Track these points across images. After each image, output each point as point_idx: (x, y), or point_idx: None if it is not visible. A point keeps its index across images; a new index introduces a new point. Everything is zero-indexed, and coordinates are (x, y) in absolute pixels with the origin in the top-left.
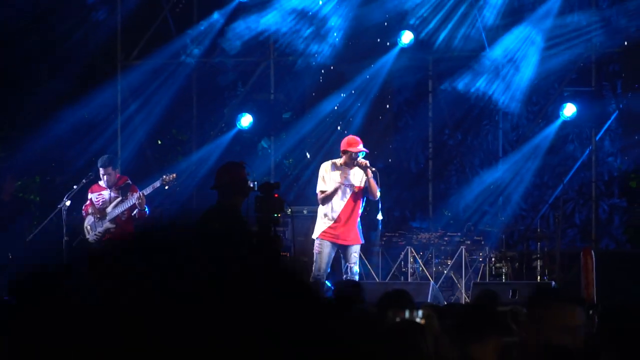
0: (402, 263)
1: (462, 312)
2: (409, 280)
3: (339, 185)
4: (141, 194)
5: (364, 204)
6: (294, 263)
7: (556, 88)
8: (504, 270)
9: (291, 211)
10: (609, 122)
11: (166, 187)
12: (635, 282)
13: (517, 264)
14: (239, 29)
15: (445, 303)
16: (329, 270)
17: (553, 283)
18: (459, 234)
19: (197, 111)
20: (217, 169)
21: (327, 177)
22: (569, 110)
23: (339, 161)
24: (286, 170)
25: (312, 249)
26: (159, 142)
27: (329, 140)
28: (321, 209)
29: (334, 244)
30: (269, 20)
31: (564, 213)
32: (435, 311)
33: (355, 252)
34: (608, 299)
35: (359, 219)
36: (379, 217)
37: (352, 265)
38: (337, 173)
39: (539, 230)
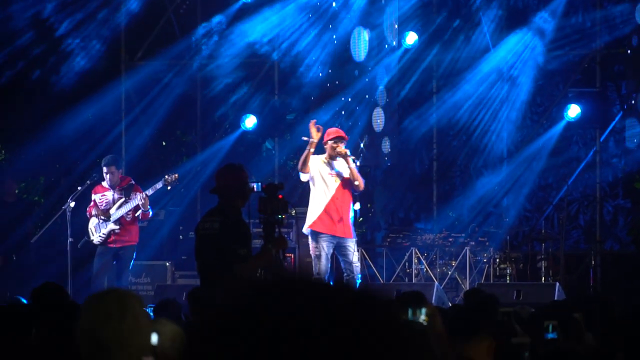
0: (407, 264)
1: (456, 312)
2: (414, 281)
3: (327, 176)
4: (145, 195)
5: (352, 198)
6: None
7: (560, 89)
8: (508, 271)
9: (295, 212)
10: (613, 123)
11: (168, 188)
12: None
13: (522, 265)
14: (243, 30)
15: (450, 304)
16: (329, 265)
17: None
18: (463, 235)
19: (201, 112)
20: (216, 171)
21: (313, 167)
22: (573, 111)
23: (323, 156)
24: (290, 172)
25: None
26: (163, 144)
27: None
28: (310, 201)
29: (326, 236)
30: (273, 21)
31: (569, 214)
32: (439, 312)
33: (349, 247)
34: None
35: (351, 214)
36: (356, 206)
37: (353, 262)
38: (325, 166)
39: (543, 231)
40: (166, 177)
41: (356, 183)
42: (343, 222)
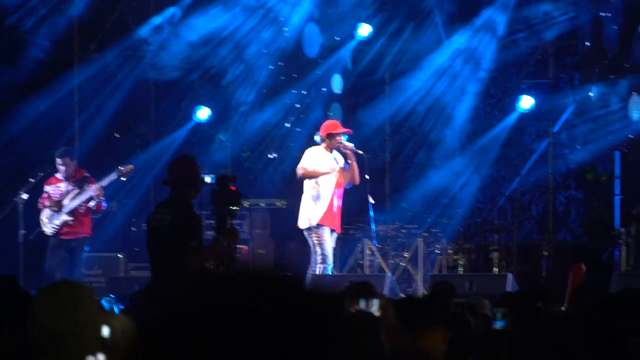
0: (360, 255)
1: (410, 303)
2: (366, 272)
3: (332, 170)
4: (99, 186)
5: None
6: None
7: (513, 80)
8: (461, 262)
9: (249, 204)
10: (566, 115)
11: (123, 179)
12: (592, 273)
13: (474, 256)
14: (196, 22)
15: (402, 295)
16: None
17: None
18: (416, 226)
19: (154, 104)
20: (169, 163)
21: (315, 161)
22: (526, 102)
23: (322, 147)
24: (243, 163)
25: (264, 241)
26: (117, 136)
27: (286, 135)
28: (310, 195)
29: (330, 231)
30: (227, 13)
31: (521, 205)
32: (391, 303)
33: (335, 240)
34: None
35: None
36: (371, 200)
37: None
38: (325, 159)
39: (496, 222)
40: (120, 168)
41: (357, 176)
42: (339, 216)
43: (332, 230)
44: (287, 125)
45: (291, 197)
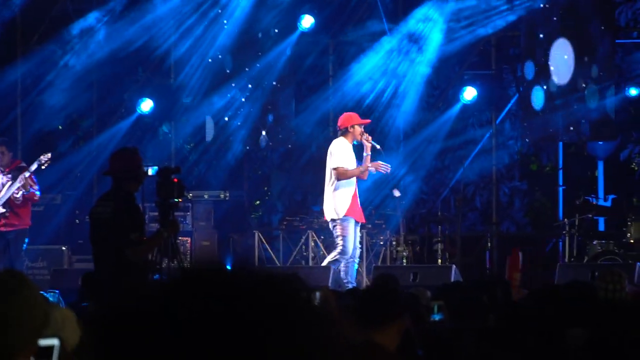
0: (304, 247)
1: (365, 299)
2: (310, 264)
3: (353, 163)
4: (27, 175)
5: None
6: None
7: (456, 71)
8: (405, 253)
9: (192, 196)
10: (509, 105)
11: (43, 167)
12: (536, 264)
13: (418, 247)
14: (139, 14)
15: (349, 287)
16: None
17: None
18: None
19: (97, 96)
20: (110, 155)
21: (347, 154)
22: (469, 93)
23: (343, 138)
24: (187, 155)
25: (207, 233)
26: (60, 128)
27: (228, 127)
28: (336, 186)
29: (355, 223)
30: (169, 4)
31: (465, 196)
32: (334, 295)
33: (359, 230)
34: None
35: None
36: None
37: (359, 246)
38: (349, 150)
39: (440, 213)
40: (40, 157)
41: (370, 169)
42: (361, 207)
43: (357, 222)
44: (226, 119)
45: (234, 189)
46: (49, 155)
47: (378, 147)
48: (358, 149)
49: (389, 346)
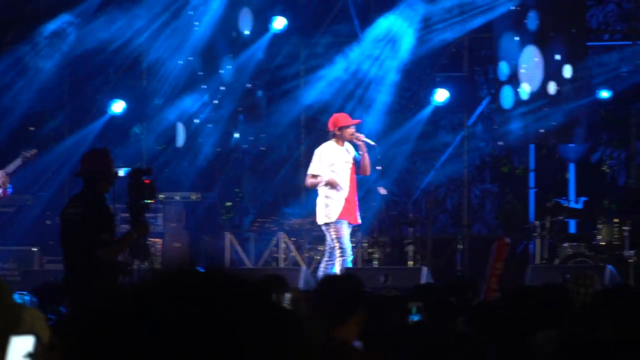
0: (275, 249)
1: (320, 296)
2: (281, 265)
3: (343, 164)
4: (3, 173)
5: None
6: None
7: (428, 73)
8: (376, 255)
9: (163, 197)
10: (480, 108)
11: (27, 163)
12: (507, 266)
13: (389, 249)
14: (111, 16)
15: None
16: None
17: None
18: None
19: (69, 97)
20: (82, 156)
21: (329, 159)
22: (441, 95)
23: (333, 141)
24: (158, 156)
25: (179, 235)
26: (31, 129)
27: (199, 129)
28: (327, 190)
29: (348, 224)
30: (141, 6)
31: (436, 198)
32: (305, 296)
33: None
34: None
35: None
36: (382, 191)
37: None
38: (339, 152)
39: (411, 215)
40: (24, 153)
41: (368, 167)
42: (356, 208)
43: (350, 224)
44: (197, 121)
45: (205, 190)
46: (35, 150)
47: (372, 143)
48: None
49: (351, 340)
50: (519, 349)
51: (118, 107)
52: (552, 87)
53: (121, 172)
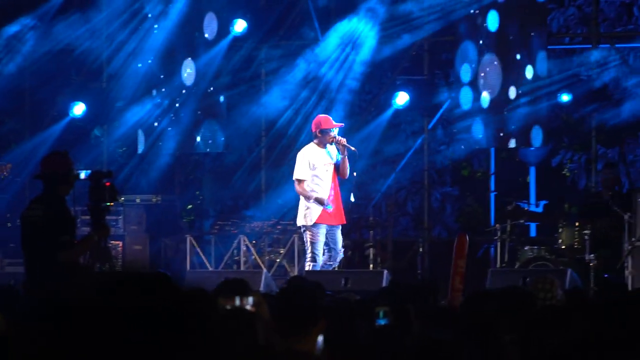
0: (235, 251)
1: (281, 308)
2: (242, 268)
3: (322, 167)
4: None
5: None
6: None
7: (389, 76)
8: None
9: (124, 200)
10: (441, 111)
11: (2, 177)
12: (468, 269)
13: (350, 252)
14: (73, 19)
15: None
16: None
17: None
18: (292, 222)
19: (29, 99)
20: (41, 158)
21: (311, 162)
22: (402, 98)
23: (315, 144)
24: (119, 159)
25: (139, 237)
26: None
27: (160, 131)
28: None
29: (330, 227)
30: (102, 9)
31: (397, 201)
32: (266, 299)
33: (340, 233)
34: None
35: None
36: (352, 199)
37: (340, 249)
38: (320, 155)
39: (371, 218)
40: None
41: (347, 170)
42: (338, 209)
43: (331, 226)
44: (156, 124)
45: (166, 193)
46: (9, 165)
47: (353, 149)
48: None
49: (311, 351)
50: (484, 352)
51: (79, 109)
52: (512, 92)
53: (82, 175)
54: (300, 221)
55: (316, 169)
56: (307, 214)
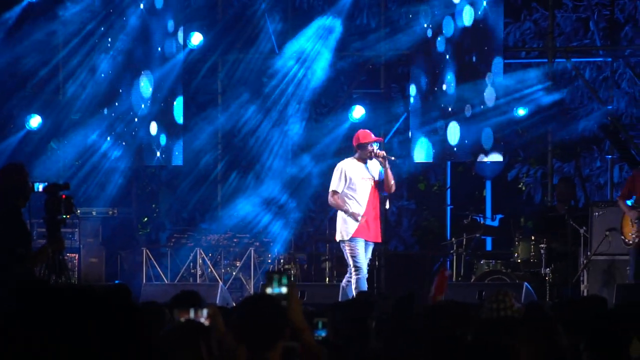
0: (191, 264)
1: (247, 322)
2: (198, 281)
3: (361, 181)
4: None
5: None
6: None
7: (345, 90)
8: (292, 272)
9: (80, 212)
10: (397, 124)
11: None
12: (421, 283)
13: (306, 265)
14: (31, 28)
15: (234, 304)
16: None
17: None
18: (248, 235)
19: None
20: None
21: (347, 175)
22: (358, 112)
23: (355, 158)
24: (75, 172)
25: (95, 250)
26: None
27: (116, 144)
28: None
29: (365, 242)
30: (58, 20)
31: None
32: (222, 312)
33: (371, 250)
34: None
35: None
36: (387, 206)
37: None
38: (358, 169)
39: (327, 232)
40: None
41: (391, 183)
42: (376, 225)
43: (367, 242)
44: (111, 137)
45: (122, 206)
46: None
47: (392, 158)
48: None
49: None
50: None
51: (35, 121)
52: (468, 105)
53: (40, 187)
54: (338, 236)
55: (353, 182)
56: (343, 228)
